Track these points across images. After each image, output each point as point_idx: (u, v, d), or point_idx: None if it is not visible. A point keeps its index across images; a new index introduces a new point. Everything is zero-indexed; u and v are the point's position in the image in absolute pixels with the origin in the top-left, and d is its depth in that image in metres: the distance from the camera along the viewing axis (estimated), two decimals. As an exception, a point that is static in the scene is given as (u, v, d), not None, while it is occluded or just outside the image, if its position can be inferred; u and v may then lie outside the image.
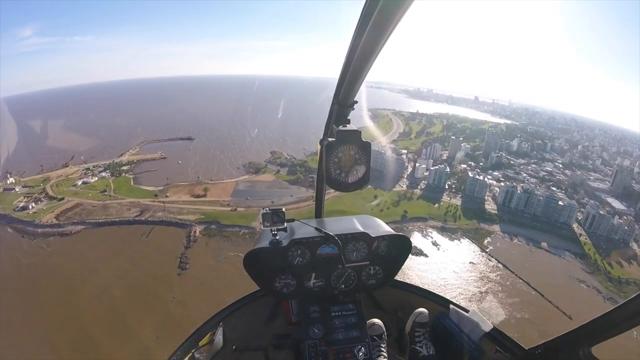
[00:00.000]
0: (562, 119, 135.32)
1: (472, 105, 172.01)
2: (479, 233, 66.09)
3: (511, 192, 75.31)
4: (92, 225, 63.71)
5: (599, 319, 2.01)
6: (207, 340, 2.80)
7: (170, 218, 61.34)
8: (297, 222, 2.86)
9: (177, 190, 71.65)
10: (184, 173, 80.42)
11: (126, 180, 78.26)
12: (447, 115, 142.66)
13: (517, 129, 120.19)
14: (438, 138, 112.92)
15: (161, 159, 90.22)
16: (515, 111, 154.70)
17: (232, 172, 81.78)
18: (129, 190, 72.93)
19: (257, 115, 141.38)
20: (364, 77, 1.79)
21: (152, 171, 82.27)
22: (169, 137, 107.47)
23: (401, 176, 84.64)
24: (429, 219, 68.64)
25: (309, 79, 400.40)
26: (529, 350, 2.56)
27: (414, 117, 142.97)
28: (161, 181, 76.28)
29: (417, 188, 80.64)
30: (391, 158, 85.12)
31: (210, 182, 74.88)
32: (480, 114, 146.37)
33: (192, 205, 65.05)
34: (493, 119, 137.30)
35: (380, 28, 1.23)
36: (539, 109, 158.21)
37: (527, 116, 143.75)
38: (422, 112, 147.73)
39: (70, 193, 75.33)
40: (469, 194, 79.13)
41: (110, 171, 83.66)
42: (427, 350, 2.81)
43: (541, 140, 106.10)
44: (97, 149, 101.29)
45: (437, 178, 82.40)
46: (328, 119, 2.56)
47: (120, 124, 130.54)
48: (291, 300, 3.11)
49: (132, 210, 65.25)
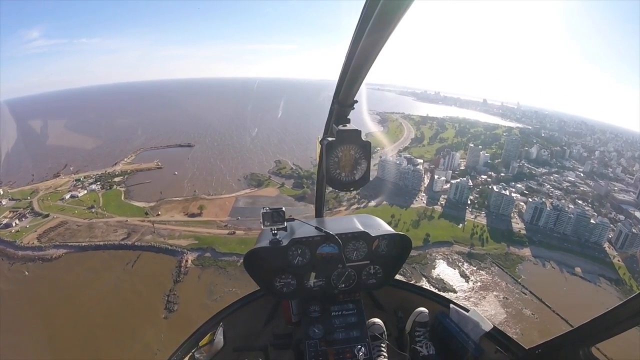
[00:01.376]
0: (572, 122, 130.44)
1: (481, 108, 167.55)
2: (509, 259, 57.69)
3: (540, 209, 66.86)
4: (74, 249, 56.04)
5: (599, 319, 1.94)
6: (207, 340, 2.70)
7: (159, 243, 53.04)
8: (297, 221, 2.78)
9: (170, 207, 63.44)
10: (180, 186, 72.19)
11: (117, 194, 70.37)
12: (458, 119, 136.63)
13: (531, 134, 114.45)
14: (453, 145, 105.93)
15: (157, 169, 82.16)
16: (525, 114, 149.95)
17: (232, 185, 73.23)
18: (117, 207, 64.97)
19: (260, 118, 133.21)
20: (364, 77, 1.73)
21: (146, 183, 74.19)
22: (167, 144, 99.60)
23: (418, 189, 75.24)
24: (454, 243, 59.32)
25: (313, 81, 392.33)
26: (529, 350, 2.47)
27: (424, 121, 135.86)
28: (154, 195, 68.14)
29: (437, 204, 71.39)
30: (407, 170, 75.72)
31: (207, 198, 66.43)
32: (491, 117, 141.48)
33: (185, 227, 56.67)
34: (504, 123, 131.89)
35: (381, 28, 1.22)
36: (547, 112, 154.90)
37: (538, 119, 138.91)
38: (432, 116, 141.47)
39: (57, 209, 67.93)
40: (493, 210, 70.25)
41: (101, 183, 75.90)
42: (427, 350, 2.72)
43: (560, 147, 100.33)
44: (92, 155, 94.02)
45: (458, 193, 72.95)
46: (328, 118, 2.41)
47: (120, 128, 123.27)
48: (291, 300, 2.99)
49: (118, 232, 57.21)
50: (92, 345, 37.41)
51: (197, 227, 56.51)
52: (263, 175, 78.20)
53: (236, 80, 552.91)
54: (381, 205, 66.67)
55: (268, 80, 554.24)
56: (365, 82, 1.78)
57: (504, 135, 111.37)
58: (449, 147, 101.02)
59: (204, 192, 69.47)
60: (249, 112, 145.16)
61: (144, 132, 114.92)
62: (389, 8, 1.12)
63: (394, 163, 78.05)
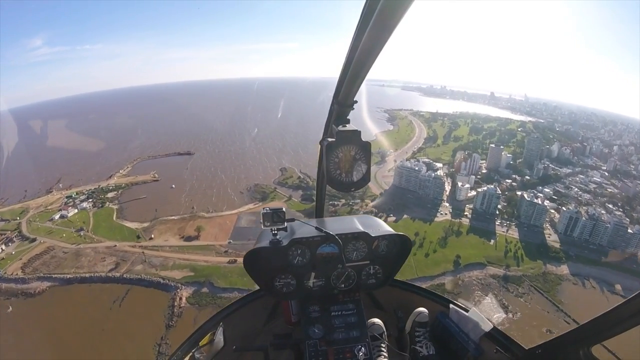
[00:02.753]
0: (581, 114, 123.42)
1: (489, 101, 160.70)
2: (547, 280, 50.24)
3: (575, 219, 59.01)
4: (59, 282, 49.41)
5: (599, 319, 1.92)
6: (207, 340, 2.66)
7: (150, 275, 45.76)
8: (297, 221, 2.73)
9: (164, 228, 56.13)
10: (177, 202, 64.79)
11: (108, 213, 63.37)
12: (468, 114, 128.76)
13: (545, 129, 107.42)
14: (468, 144, 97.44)
15: (153, 181, 75.09)
16: (534, 106, 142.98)
17: (233, 199, 65.51)
18: (108, 229, 57.95)
19: (263, 120, 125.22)
20: (364, 77, 1.68)
21: (141, 199, 67.00)
22: (166, 153, 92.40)
23: (441, 199, 66.56)
24: (488, 265, 50.89)
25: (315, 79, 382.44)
26: (529, 350, 2.45)
27: (434, 117, 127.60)
28: (148, 214, 60.88)
29: (462, 215, 62.82)
30: (428, 178, 66.93)
31: (205, 216, 58.83)
32: (501, 111, 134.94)
33: (179, 253, 49.30)
34: (515, 117, 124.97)
35: (382, 27, 1.19)
36: (555, 103, 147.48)
37: (547, 112, 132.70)
38: (442, 112, 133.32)
39: (45, 231, 61.45)
40: (524, 220, 62.01)
41: (92, 200, 68.99)
42: (427, 350, 2.69)
43: (579, 143, 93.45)
44: (87, 167, 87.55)
45: (486, 202, 64.19)
46: (328, 119, 2.42)
47: (119, 136, 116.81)
48: (291, 300, 2.94)
49: (106, 261, 50.14)
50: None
51: (193, 254, 49.03)
52: (268, 186, 70.24)
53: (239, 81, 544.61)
54: (402, 220, 58.33)
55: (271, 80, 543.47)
56: (367, 79, 1.69)
57: (518, 130, 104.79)
58: (466, 147, 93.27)
59: (202, 208, 61.90)
60: (251, 114, 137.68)
61: (143, 140, 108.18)
62: (389, 7, 1.09)
63: (411, 169, 69.24)
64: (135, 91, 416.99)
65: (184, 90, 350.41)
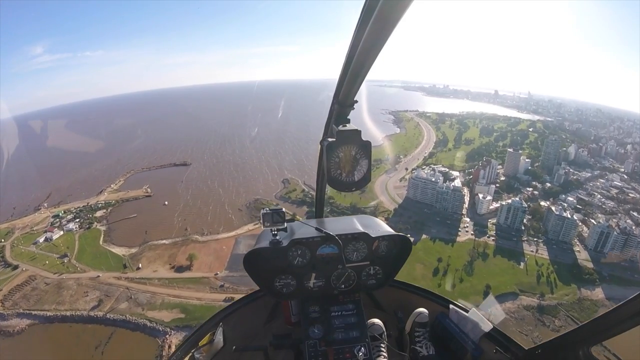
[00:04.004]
0: (587, 111, 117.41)
1: (494, 100, 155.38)
2: (584, 307, 44.66)
3: (606, 234, 53.09)
4: (39, 319, 44.21)
5: (599, 319, 1.89)
6: (207, 340, 2.64)
7: (136, 316, 39.92)
8: (297, 222, 2.73)
9: (154, 255, 50.28)
10: (169, 222, 58.90)
11: (95, 236, 57.71)
12: (475, 114, 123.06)
13: (555, 128, 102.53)
14: (481, 147, 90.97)
15: (145, 197, 69.44)
16: (539, 104, 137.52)
17: (231, 218, 59.38)
18: (93, 256, 52.29)
19: (263, 124, 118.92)
20: (364, 77, 1.66)
21: (130, 218, 61.41)
22: (160, 164, 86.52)
23: (460, 213, 59.98)
24: (520, 294, 44.62)
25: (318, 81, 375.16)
26: (529, 350, 2.40)
27: (442, 118, 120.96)
28: (137, 237, 55.04)
29: (486, 232, 56.40)
30: (446, 190, 60.25)
31: (200, 240, 52.82)
32: (507, 110, 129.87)
33: (169, 288, 43.31)
34: (523, 116, 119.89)
35: (381, 26, 1.18)
36: (560, 100, 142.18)
37: (553, 109, 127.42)
38: (448, 113, 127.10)
39: (28, 257, 56.18)
40: (552, 236, 55.90)
41: (80, 220, 63.74)
42: (427, 350, 2.65)
43: (595, 144, 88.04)
44: (79, 181, 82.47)
45: (511, 217, 57.67)
46: (328, 119, 2.36)
47: (116, 143, 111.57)
48: (291, 300, 2.90)
49: (89, 297, 44.43)
50: None
51: (184, 289, 43.05)
52: (269, 202, 63.69)
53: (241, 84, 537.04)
54: (421, 242, 51.98)
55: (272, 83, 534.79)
56: (367, 79, 1.67)
57: (529, 131, 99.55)
58: (479, 151, 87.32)
59: (197, 229, 55.91)
60: (250, 119, 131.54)
61: (139, 147, 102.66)
62: (389, 7, 1.09)
63: (427, 180, 62.55)
64: (137, 97, 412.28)
65: (184, 95, 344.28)
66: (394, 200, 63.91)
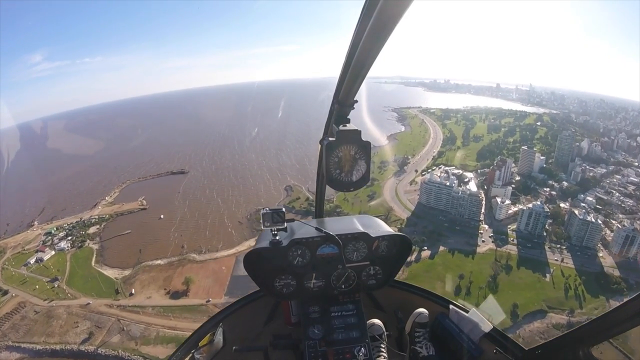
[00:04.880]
0: (591, 101, 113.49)
1: (496, 93, 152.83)
2: None
3: (632, 238, 49.12)
4: (29, 353, 40.90)
5: (599, 319, 1.90)
6: (207, 341, 2.62)
7: (129, 352, 35.97)
8: (297, 222, 2.69)
9: (148, 278, 46.46)
10: (165, 239, 54.97)
11: (87, 256, 54.02)
12: (480, 108, 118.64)
13: (562, 121, 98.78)
14: (491, 145, 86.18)
15: (141, 210, 65.67)
16: (542, 96, 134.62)
17: (231, 232, 55.29)
18: (84, 280, 48.60)
19: (264, 126, 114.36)
20: (365, 76, 1.67)
21: (125, 235, 57.72)
22: (157, 173, 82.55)
23: (478, 219, 55.29)
24: (549, 311, 40.30)
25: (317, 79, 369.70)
26: (529, 350, 2.40)
27: (446, 115, 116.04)
28: (131, 257, 51.25)
29: (505, 239, 52.04)
30: (462, 195, 55.49)
31: (197, 260, 48.86)
32: (511, 104, 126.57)
33: (165, 318, 39.33)
34: (528, 109, 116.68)
35: (382, 26, 1.17)
36: (562, 92, 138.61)
37: (557, 101, 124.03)
38: (452, 109, 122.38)
39: (18, 281, 52.79)
40: (575, 242, 51.67)
41: (72, 238, 60.23)
42: (427, 351, 2.64)
43: (607, 137, 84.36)
44: (73, 193, 79.04)
45: (532, 222, 53.17)
46: (328, 118, 2.37)
47: (113, 150, 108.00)
48: (291, 300, 2.88)
49: (80, 328, 40.69)
50: None
51: (180, 319, 39.11)
52: (271, 213, 59.78)
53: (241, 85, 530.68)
54: (439, 255, 47.55)
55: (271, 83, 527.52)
56: (367, 76, 1.66)
57: (537, 125, 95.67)
58: (489, 149, 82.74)
59: (194, 247, 52.00)
60: (250, 120, 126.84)
61: (135, 155, 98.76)
62: (389, 6, 1.08)
63: (442, 185, 57.76)
64: (137, 101, 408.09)
65: (184, 98, 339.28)
66: (405, 207, 59.35)
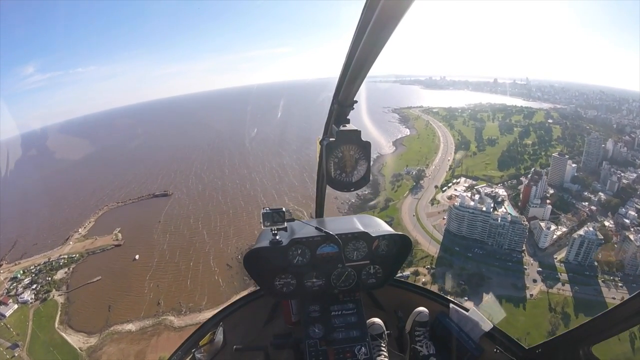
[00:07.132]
0: (592, 94, 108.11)
1: (494, 88, 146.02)
2: None
3: None
4: None
5: (599, 319, 1.89)
6: (207, 340, 2.62)
7: None
8: (297, 221, 2.68)
9: (116, 351, 37.45)
10: (138, 289, 45.91)
11: (51, 314, 45.32)
12: (483, 105, 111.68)
13: (573, 117, 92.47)
14: (509, 148, 76.76)
15: (115, 247, 56.89)
16: (541, 90, 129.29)
17: (218, 281, 45.69)
18: (46, 350, 39.54)
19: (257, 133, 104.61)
20: (364, 77, 1.67)
21: (93, 282, 49.06)
22: (138, 196, 73.50)
23: (520, 250, 45.80)
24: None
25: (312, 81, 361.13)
26: (529, 349, 2.39)
27: (451, 114, 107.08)
28: (99, 314, 42.32)
29: (557, 278, 43.01)
30: (501, 223, 45.94)
31: (175, 324, 39.92)
32: (512, 99, 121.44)
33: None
34: (532, 104, 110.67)
35: (382, 26, 1.18)
36: (561, 84, 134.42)
37: (557, 94, 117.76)
38: (456, 107, 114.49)
39: (-26, 348, 45.06)
40: (629, 271, 43.24)
41: (37, 286, 52.01)
42: (427, 350, 2.63)
43: (628, 135, 76.26)
44: (47, 223, 70.46)
45: (583, 253, 43.87)
46: (328, 118, 2.37)
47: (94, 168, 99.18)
48: (291, 299, 2.90)
49: None
50: None
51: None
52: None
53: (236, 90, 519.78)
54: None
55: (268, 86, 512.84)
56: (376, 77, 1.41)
57: (549, 122, 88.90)
58: (510, 155, 73.61)
59: (172, 303, 42.93)
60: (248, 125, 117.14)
61: (116, 174, 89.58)
62: (390, 7, 1.08)
63: (476, 211, 47.91)
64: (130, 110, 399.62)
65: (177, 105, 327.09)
66: (432, 238, 49.64)
